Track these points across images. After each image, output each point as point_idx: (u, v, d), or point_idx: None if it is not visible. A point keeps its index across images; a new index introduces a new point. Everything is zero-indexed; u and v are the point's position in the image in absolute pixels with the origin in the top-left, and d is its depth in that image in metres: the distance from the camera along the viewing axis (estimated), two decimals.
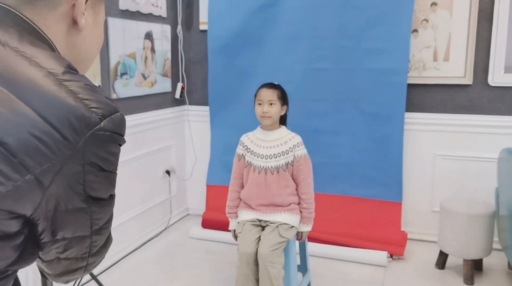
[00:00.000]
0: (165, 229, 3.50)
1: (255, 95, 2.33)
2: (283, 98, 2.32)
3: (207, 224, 3.45)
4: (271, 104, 2.27)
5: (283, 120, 2.39)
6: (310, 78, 3.20)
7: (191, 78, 3.68)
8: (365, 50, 3.06)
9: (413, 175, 3.20)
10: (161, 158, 3.44)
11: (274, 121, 2.31)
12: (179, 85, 3.58)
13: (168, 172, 3.51)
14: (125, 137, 0.69)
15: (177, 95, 3.57)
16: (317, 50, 3.16)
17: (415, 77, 3.10)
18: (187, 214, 3.84)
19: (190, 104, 3.69)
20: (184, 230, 3.50)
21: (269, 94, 2.27)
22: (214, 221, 3.38)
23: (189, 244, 3.28)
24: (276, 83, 2.36)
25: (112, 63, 2.87)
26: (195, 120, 3.69)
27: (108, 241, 0.75)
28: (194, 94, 3.69)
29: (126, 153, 2.98)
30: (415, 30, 3.07)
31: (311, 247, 2.91)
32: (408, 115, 3.11)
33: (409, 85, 3.07)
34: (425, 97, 3.14)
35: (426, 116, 3.14)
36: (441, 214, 2.77)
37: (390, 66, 3.02)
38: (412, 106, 3.13)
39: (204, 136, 3.62)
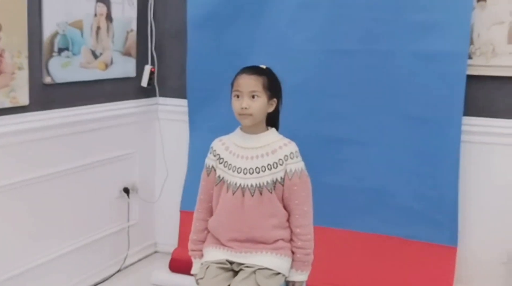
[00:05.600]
0: (118, 271, 3.49)
1: (232, 84, 2.31)
2: (272, 89, 2.29)
3: (177, 266, 3.44)
4: (253, 96, 2.25)
5: (273, 121, 2.37)
6: (327, 64, 3.19)
7: (165, 59, 3.69)
8: (409, 25, 3.05)
9: (474, 208, 3.15)
10: (117, 170, 3.45)
11: (258, 120, 2.29)
12: (147, 68, 3.59)
13: (126, 191, 3.52)
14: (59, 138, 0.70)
15: (144, 83, 3.59)
16: (339, 24, 3.15)
17: (480, 67, 3.07)
18: (154, 252, 3.85)
19: (162, 95, 3.70)
20: (146, 273, 3.50)
21: (250, 83, 2.24)
22: (188, 262, 3.37)
23: None
24: (264, 66, 2.34)
25: (46, 34, 2.89)
26: (169, 119, 3.70)
27: None
28: (169, 82, 3.70)
29: (61, 161, 3.01)
30: None
31: None
32: (468, 120, 3.08)
33: (471, 77, 3.04)
34: (495, 95, 3.11)
35: (495, 123, 3.11)
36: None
37: (444, 49, 3.00)
38: (474, 108, 3.11)
39: (181, 141, 3.62)
